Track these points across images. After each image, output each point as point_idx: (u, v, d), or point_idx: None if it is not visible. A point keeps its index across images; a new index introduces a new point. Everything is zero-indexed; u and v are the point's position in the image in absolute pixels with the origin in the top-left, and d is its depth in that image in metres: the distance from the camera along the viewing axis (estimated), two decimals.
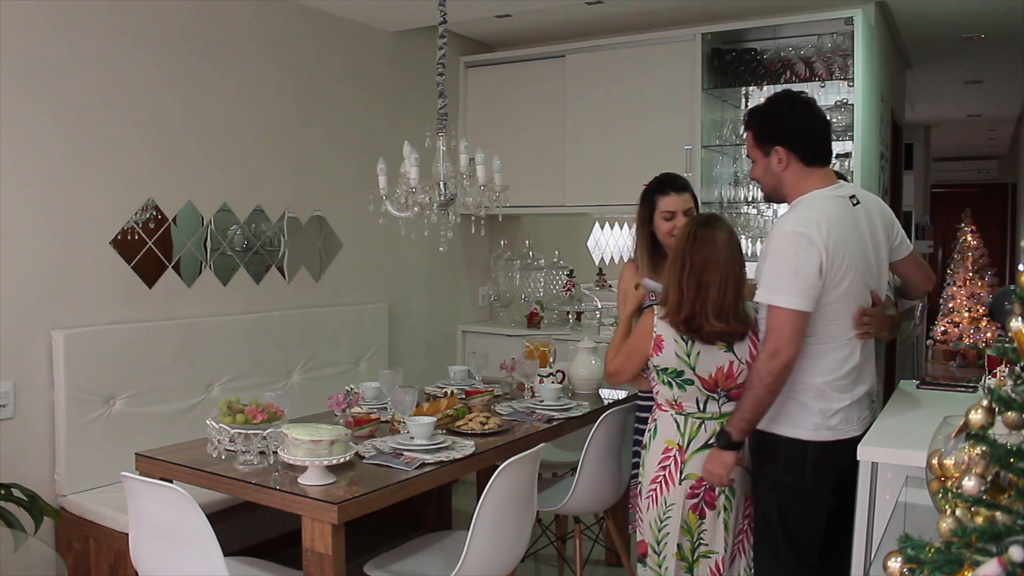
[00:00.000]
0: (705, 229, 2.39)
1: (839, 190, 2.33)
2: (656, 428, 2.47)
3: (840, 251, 2.23)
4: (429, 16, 3.94)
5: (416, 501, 3.49)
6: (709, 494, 2.40)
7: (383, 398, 3.01)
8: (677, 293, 2.37)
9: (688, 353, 2.37)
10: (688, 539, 2.41)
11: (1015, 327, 0.94)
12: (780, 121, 2.34)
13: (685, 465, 2.40)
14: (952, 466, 1.03)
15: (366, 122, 4.20)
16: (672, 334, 2.38)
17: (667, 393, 2.44)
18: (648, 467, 2.47)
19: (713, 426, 2.40)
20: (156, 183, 3.27)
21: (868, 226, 2.34)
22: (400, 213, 2.72)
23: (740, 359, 2.39)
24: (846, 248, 2.25)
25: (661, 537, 2.43)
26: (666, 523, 2.42)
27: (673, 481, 2.40)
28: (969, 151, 10.76)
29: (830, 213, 2.26)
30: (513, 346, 4.36)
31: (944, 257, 10.71)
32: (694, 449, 2.40)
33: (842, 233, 2.25)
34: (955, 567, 0.87)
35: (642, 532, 2.50)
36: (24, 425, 2.88)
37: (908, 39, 5.02)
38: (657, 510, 2.43)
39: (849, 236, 2.27)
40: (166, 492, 2.14)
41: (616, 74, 4.27)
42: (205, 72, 3.44)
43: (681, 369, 2.38)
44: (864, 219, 2.34)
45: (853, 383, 2.33)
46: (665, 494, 2.41)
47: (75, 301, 3.02)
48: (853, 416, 2.33)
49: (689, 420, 2.41)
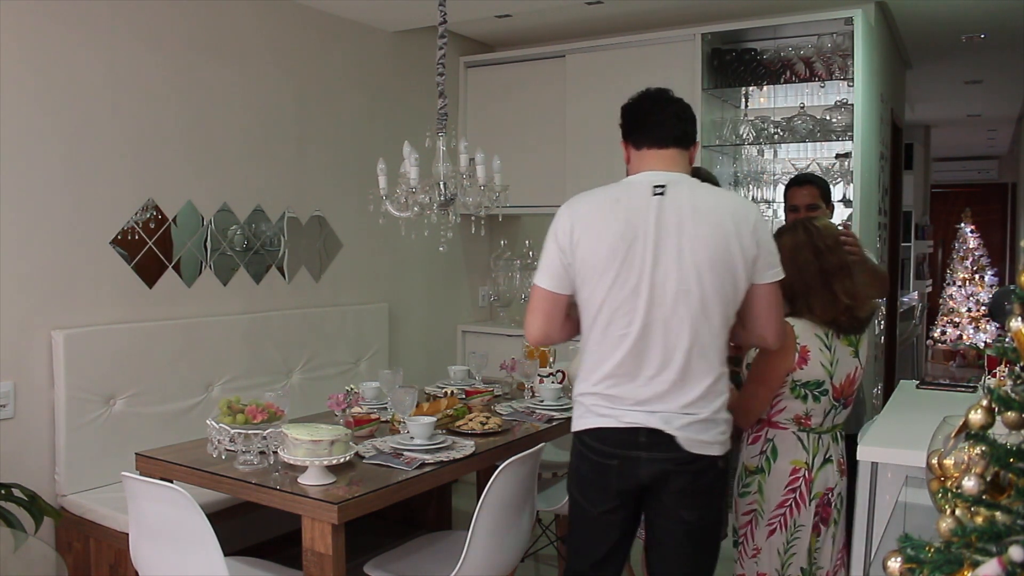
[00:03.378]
0: (815, 222, 2.42)
1: (653, 176, 2.11)
2: (775, 449, 2.36)
3: (585, 241, 2.08)
4: (429, 16, 3.94)
5: (416, 501, 3.48)
6: (825, 510, 2.35)
7: (383, 398, 3.01)
8: (820, 287, 2.33)
9: (832, 362, 2.33)
10: (808, 562, 2.35)
11: (1015, 327, 0.94)
12: (622, 118, 2.26)
13: (813, 484, 2.34)
14: (952, 466, 1.03)
15: (366, 122, 4.20)
16: (817, 344, 2.31)
17: (797, 408, 2.33)
18: (771, 491, 2.35)
19: (827, 439, 2.38)
20: (156, 183, 3.27)
21: (659, 217, 2.05)
22: (400, 213, 2.72)
23: (863, 364, 2.40)
24: (595, 240, 2.07)
25: (786, 560, 2.34)
26: (793, 545, 2.34)
27: (804, 502, 2.32)
28: (969, 151, 10.76)
29: (597, 202, 2.12)
30: (513, 346, 4.36)
31: (944, 257, 10.72)
32: (817, 466, 2.35)
33: (593, 222, 2.08)
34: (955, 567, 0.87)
35: (756, 564, 2.37)
36: (24, 425, 2.88)
37: (908, 39, 5.02)
38: (785, 535, 2.33)
39: (605, 227, 2.06)
40: (166, 492, 2.14)
41: (616, 74, 4.27)
42: (205, 72, 3.44)
43: (822, 380, 2.32)
44: (661, 210, 2.05)
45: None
46: (795, 516, 2.33)
47: (75, 301, 3.02)
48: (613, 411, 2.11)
49: (811, 436, 2.35)
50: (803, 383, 2.31)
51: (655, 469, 2.05)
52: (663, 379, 2.04)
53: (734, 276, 2.05)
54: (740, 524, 2.43)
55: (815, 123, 4.03)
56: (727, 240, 2.03)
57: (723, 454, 2.10)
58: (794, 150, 4.35)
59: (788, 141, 4.13)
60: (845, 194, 4.00)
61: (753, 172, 4.29)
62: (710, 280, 2.02)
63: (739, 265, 2.05)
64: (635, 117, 2.21)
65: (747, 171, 4.32)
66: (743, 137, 4.24)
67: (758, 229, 2.08)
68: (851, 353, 2.37)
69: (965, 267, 9.77)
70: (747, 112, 4.45)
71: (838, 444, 2.41)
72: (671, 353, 2.04)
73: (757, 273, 2.08)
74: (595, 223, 2.09)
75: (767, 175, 4.26)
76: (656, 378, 2.05)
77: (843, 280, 2.33)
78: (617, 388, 2.07)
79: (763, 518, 2.36)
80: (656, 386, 2.05)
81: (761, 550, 2.36)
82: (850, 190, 3.88)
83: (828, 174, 4.06)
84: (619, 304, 2.06)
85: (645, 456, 2.05)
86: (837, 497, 2.38)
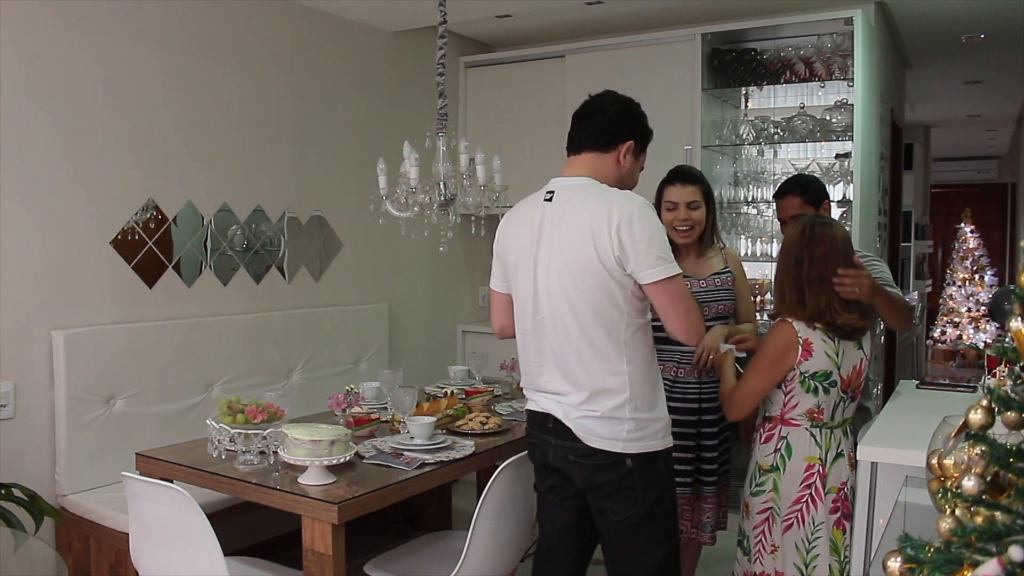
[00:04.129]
0: (821, 227, 2.39)
1: (554, 182, 2.23)
2: (788, 446, 2.38)
3: (503, 243, 2.30)
4: (429, 16, 3.94)
5: (416, 501, 3.49)
6: (845, 504, 2.36)
7: (383, 398, 3.01)
8: (796, 291, 2.35)
9: (837, 352, 2.34)
10: (836, 559, 2.34)
11: (1015, 327, 0.94)
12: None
13: (827, 479, 2.35)
14: (952, 466, 1.03)
15: (366, 122, 4.20)
16: (819, 335, 2.33)
17: (809, 402, 2.35)
18: (787, 488, 2.37)
19: (839, 434, 2.39)
20: (156, 183, 3.27)
21: (542, 223, 2.16)
22: (400, 213, 2.72)
23: (868, 356, 2.41)
24: (509, 243, 2.27)
25: (809, 560, 2.34)
26: (815, 544, 2.34)
27: (820, 498, 2.34)
28: (969, 151, 10.75)
29: (517, 208, 2.30)
30: (513, 346, 4.34)
31: (944, 257, 10.72)
32: (830, 461, 2.36)
33: (511, 226, 2.28)
34: (955, 567, 0.87)
35: (774, 560, 2.38)
36: (24, 425, 2.88)
37: (908, 39, 5.02)
38: (803, 531, 2.35)
39: (513, 232, 2.27)
40: (166, 492, 2.14)
41: (616, 74, 4.26)
42: (205, 72, 3.44)
43: (830, 370, 2.33)
44: (545, 216, 2.16)
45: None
46: (812, 513, 2.34)
47: (75, 301, 3.02)
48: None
49: (823, 432, 2.36)
50: (811, 374, 2.33)
51: (559, 455, 2.17)
52: (554, 377, 2.16)
53: (599, 278, 2.06)
54: (755, 523, 2.43)
55: (815, 123, 4.03)
56: (584, 244, 2.06)
57: (634, 453, 2.08)
58: (794, 150, 4.35)
59: (788, 141, 4.14)
60: (845, 194, 4.00)
61: (753, 172, 4.29)
62: (573, 283, 2.09)
63: (601, 267, 2.05)
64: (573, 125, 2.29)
65: (747, 171, 4.32)
66: (743, 137, 4.24)
67: (622, 230, 2.01)
68: (854, 345, 2.39)
69: (965, 267, 9.77)
70: (747, 112, 4.45)
71: (848, 438, 2.43)
72: (555, 354, 2.15)
73: (635, 274, 2.04)
74: (510, 227, 2.29)
75: (767, 175, 4.26)
76: (548, 376, 2.18)
77: (816, 293, 2.33)
78: (528, 379, 2.26)
79: (779, 515, 2.38)
80: (552, 383, 2.17)
81: (779, 547, 2.38)
82: (850, 190, 3.88)
83: (828, 174, 4.06)
84: (520, 301, 2.24)
85: (552, 442, 2.17)
86: (851, 491, 2.39)
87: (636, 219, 2.03)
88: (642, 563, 2.15)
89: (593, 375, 2.10)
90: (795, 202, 2.94)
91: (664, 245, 2.06)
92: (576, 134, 2.25)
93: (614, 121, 2.21)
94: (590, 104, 2.26)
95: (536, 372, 2.21)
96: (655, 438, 2.12)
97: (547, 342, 2.16)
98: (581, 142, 2.23)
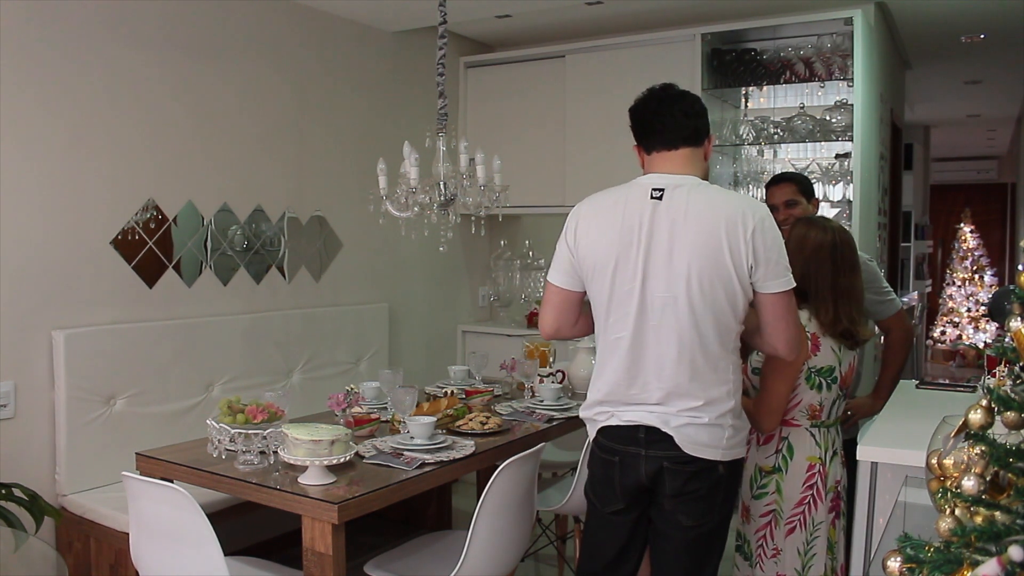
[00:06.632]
0: (843, 233, 2.40)
1: (656, 179, 2.09)
2: (790, 446, 2.36)
3: (585, 240, 2.10)
4: (429, 16, 3.94)
5: (416, 501, 3.49)
6: (835, 502, 2.35)
7: (383, 398, 3.01)
8: (831, 298, 2.34)
9: (839, 348, 2.37)
10: (830, 557, 2.34)
11: (1015, 327, 0.94)
12: (631, 121, 2.23)
13: (827, 479, 2.35)
14: (951, 466, 1.03)
15: (366, 122, 4.20)
16: (822, 330, 2.36)
17: (812, 399, 2.35)
18: (789, 490, 2.34)
19: (833, 432, 2.40)
20: (156, 183, 3.27)
21: (652, 224, 2.03)
22: (400, 213, 2.72)
23: (858, 355, 2.49)
24: (597, 242, 2.08)
25: (807, 562, 2.33)
26: (813, 545, 2.33)
27: (821, 498, 2.33)
28: (969, 151, 10.75)
29: (601, 203, 2.13)
30: (513, 346, 4.36)
31: (944, 257, 10.73)
32: (829, 460, 2.36)
33: (599, 224, 2.09)
34: (954, 567, 0.88)
35: (776, 565, 2.36)
36: (24, 425, 2.88)
37: (908, 39, 5.02)
38: (804, 534, 2.33)
39: (604, 229, 2.08)
40: (166, 492, 2.14)
41: (616, 74, 4.27)
42: (206, 72, 3.44)
43: (833, 366, 2.35)
44: (655, 215, 2.04)
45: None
46: (813, 514, 2.33)
47: (75, 301, 3.02)
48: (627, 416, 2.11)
49: (821, 430, 2.36)
50: (817, 370, 2.34)
51: (653, 466, 2.05)
52: (657, 387, 2.04)
53: (727, 285, 1.99)
54: (757, 527, 2.41)
55: (815, 123, 4.03)
56: (717, 248, 1.97)
57: (727, 460, 2.07)
58: (794, 150, 4.35)
59: (788, 141, 4.14)
60: (845, 194, 4.00)
61: (753, 172, 4.29)
62: (699, 289, 1.98)
63: (732, 274, 1.99)
64: (643, 120, 2.16)
65: (747, 171, 4.32)
66: (743, 137, 4.24)
67: (756, 237, 1.98)
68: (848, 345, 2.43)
69: (965, 267, 9.78)
70: (747, 112, 4.45)
71: (840, 437, 2.45)
72: (662, 362, 2.03)
73: (759, 282, 2.01)
74: (595, 224, 2.10)
75: (767, 175, 4.26)
76: (650, 386, 2.05)
77: (847, 303, 2.35)
78: (618, 391, 2.09)
79: (782, 517, 2.36)
80: (652, 393, 2.05)
81: (781, 550, 2.36)
82: (850, 190, 3.88)
83: (828, 174, 4.06)
84: (616, 308, 2.06)
85: (644, 453, 2.06)
86: (844, 489, 2.41)
87: (768, 226, 2.00)
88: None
89: (704, 384, 2.02)
90: (791, 189, 2.99)
91: (786, 254, 2.05)
92: (664, 132, 2.10)
93: (701, 113, 2.12)
94: (667, 99, 2.13)
95: (628, 383, 2.07)
96: (742, 445, 2.12)
97: (652, 351, 2.03)
98: (673, 139, 2.09)
